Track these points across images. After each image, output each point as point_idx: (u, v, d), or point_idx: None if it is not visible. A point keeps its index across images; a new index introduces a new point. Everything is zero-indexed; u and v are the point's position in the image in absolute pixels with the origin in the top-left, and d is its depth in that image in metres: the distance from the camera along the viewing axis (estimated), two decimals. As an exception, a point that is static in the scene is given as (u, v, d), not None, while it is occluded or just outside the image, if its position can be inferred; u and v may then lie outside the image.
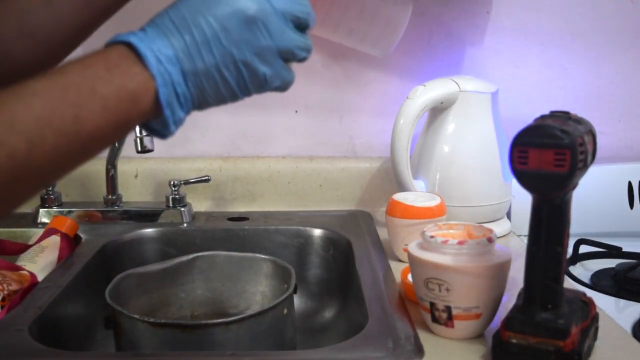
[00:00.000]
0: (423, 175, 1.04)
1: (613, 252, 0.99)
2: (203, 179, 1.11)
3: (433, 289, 0.67)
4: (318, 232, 1.05)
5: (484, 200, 1.02)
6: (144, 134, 0.95)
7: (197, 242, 1.06)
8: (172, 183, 1.09)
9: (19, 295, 0.81)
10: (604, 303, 0.79)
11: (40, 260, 0.94)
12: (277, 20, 0.54)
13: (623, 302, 0.85)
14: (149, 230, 1.06)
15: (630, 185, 1.09)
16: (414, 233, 0.85)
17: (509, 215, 1.08)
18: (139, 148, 0.95)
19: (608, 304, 0.82)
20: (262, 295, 0.89)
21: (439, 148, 1.02)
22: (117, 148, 1.08)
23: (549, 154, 0.58)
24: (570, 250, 0.97)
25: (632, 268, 0.90)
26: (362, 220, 1.10)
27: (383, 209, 0.96)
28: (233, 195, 1.19)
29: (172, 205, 1.10)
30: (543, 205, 0.61)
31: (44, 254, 0.95)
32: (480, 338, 0.69)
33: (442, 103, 1.01)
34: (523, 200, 0.67)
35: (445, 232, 0.74)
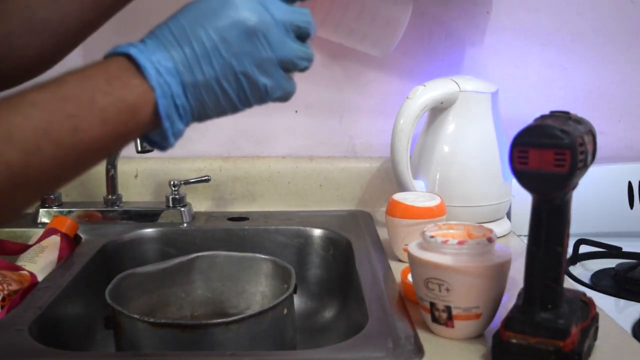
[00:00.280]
0: (423, 175, 1.04)
1: (613, 252, 0.99)
2: (203, 179, 1.11)
3: (433, 289, 0.67)
4: (318, 232, 1.05)
5: (484, 200, 1.02)
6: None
7: (197, 242, 1.06)
8: (172, 183, 1.09)
9: (19, 295, 0.81)
10: (604, 303, 0.79)
11: (40, 260, 0.94)
12: (277, 31, 0.54)
13: (623, 302, 0.85)
14: (149, 230, 1.06)
15: (630, 185, 1.09)
16: (414, 233, 0.85)
17: (509, 215, 1.08)
18: (139, 148, 0.94)
19: (608, 304, 0.82)
20: (262, 295, 0.89)
21: (439, 148, 1.02)
22: (117, 148, 1.08)
23: (549, 154, 0.58)
24: (570, 250, 0.97)
25: (632, 268, 0.90)
26: (362, 220, 1.10)
27: (383, 209, 0.96)
28: (233, 195, 1.19)
29: (172, 205, 1.10)
30: (543, 205, 0.61)
31: (44, 254, 0.95)
32: (480, 338, 0.69)
33: (442, 103, 1.01)
34: (523, 200, 0.66)
35: (445, 232, 0.74)
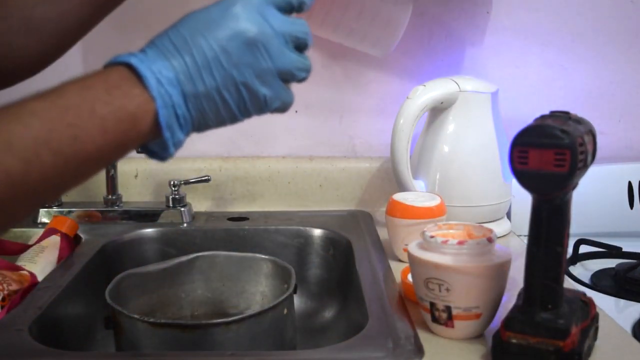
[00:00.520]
0: (423, 175, 1.04)
1: (613, 252, 0.99)
2: (203, 179, 1.11)
3: (433, 289, 0.67)
4: (318, 232, 1.05)
5: (484, 200, 1.02)
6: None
7: (197, 242, 1.06)
8: (172, 183, 1.09)
9: (19, 295, 0.81)
10: (604, 303, 0.79)
11: (40, 260, 0.94)
12: (277, 42, 0.54)
13: (623, 302, 0.85)
14: (149, 230, 1.06)
15: (630, 185, 1.09)
16: (414, 233, 0.85)
17: (509, 215, 1.08)
18: (139, 148, 0.94)
19: (608, 304, 0.82)
20: (262, 295, 0.89)
21: (439, 148, 1.02)
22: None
23: (549, 154, 0.58)
24: (570, 250, 0.97)
25: (632, 268, 0.90)
26: (362, 220, 1.10)
27: (383, 209, 0.96)
28: (233, 195, 1.19)
29: (172, 205, 1.09)
30: (543, 205, 0.61)
31: (44, 254, 0.95)
32: (480, 338, 0.69)
33: (442, 103, 1.01)
34: (523, 200, 0.66)
35: (445, 232, 0.74)
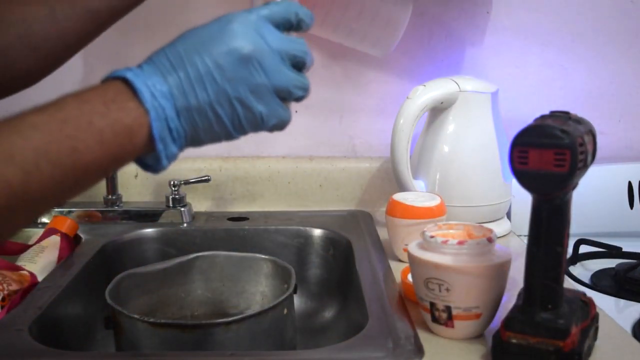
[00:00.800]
0: (423, 175, 1.04)
1: (613, 252, 0.99)
2: (203, 179, 1.11)
3: (433, 289, 0.67)
4: (318, 232, 1.05)
5: (484, 200, 1.02)
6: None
7: (197, 242, 1.06)
8: (172, 183, 1.09)
9: (19, 295, 0.81)
10: (604, 303, 0.79)
11: (40, 260, 0.94)
12: (272, 59, 0.54)
13: (623, 302, 0.85)
14: (149, 230, 1.06)
15: (630, 185, 1.09)
16: (414, 233, 0.85)
17: (509, 215, 1.08)
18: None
19: (608, 304, 0.82)
20: (262, 295, 0.89)
21: (439, 148, 1.02)
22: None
23: (549, 154, 0.58)
24: (570, 250, 0.97)
25: (632, 268, 0.90)
26: (362, 220, 1.10)
27: (383, 209, 0.96)
28: (233, 195, 1.19)
29: (172, 205, 1.09)
30: (543, 205, 0.61)
31: (44, 254, 0.95)
32: (480, 338, 0.69)
33: (442, 103, 1.01)
34: (523, 200, 0.67)
35: (445, 232, 0.74)
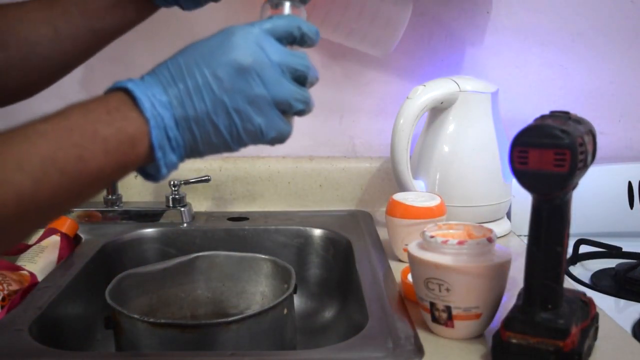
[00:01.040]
0: (423, 175, 1.04)
1: (613, 252, 0.99)
2: (203, 179, 1.11)
3: (433, 289, 0.67)
4: (318, 232, 1.05)
5: (484, 200, 1.02)
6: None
7: (197, 242, 1.06)
8: (172, 183, 1.09)
9: (19, 295, 0.81)
10: (604, 303, 0.79)
11: (40, 260, 0.94)
12: (272, 71, 0.55)
13: (623, 302, 0.85)
14: (149, 230, 1.06)
15: (630, 185, 1.09)
16: (414, 233, 0.85)
17: (509, 215, 1.08)
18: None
19: (608, 304, 0.82)
20: (262, 295, 0.89)
21: (439, 148, 1.02)
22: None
23: (549, 154, 0.58)
24: (570, 250, 0.97)
25: (632, 268, 0.90)
26: (362, 220, 1.10)
27: (383, 209, 0.96)
28: (233, 195, 1.19)
29: (172, 205, 1.09)
30: (543, 205, 0.61)
31: (44, 254, 0.95)
32: (480, 338, 0.69)
33: (442, 103, 1.01)
34: (523, 200, 0.67)
35: (445, 232, 0.74)
